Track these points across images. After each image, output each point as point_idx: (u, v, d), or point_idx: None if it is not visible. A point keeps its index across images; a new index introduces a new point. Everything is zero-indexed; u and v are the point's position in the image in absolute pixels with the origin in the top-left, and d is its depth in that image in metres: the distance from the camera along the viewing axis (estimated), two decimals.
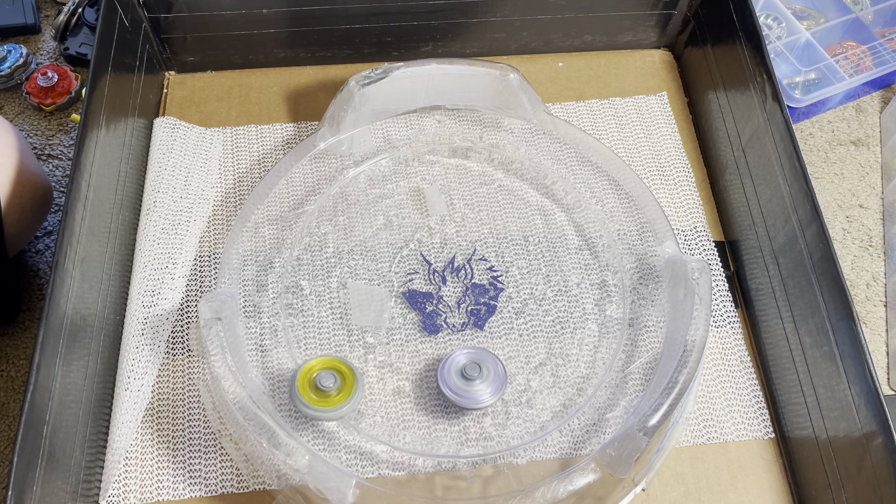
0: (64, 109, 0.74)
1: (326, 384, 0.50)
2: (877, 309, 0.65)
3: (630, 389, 0.56)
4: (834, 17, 0.79)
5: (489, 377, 0.53)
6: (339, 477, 0.46)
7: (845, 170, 0.73)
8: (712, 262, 0.62)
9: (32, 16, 0.78)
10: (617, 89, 0.71)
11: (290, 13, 0.66)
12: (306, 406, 0.49)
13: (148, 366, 0.55)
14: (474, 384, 0.53)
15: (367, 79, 0.61)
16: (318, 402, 0.50)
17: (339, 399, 0.50)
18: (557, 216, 0.63)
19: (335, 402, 0.50)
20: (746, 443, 0.55)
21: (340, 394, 0.50)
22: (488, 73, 0.63)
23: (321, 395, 0.50)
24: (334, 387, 0.50)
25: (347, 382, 0.51)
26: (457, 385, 0.53)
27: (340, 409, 0.50)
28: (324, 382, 0.50)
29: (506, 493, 0.48)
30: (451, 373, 0.53)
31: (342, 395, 0.50)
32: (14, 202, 0.57)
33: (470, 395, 0.52)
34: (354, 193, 0.64)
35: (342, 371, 0.51)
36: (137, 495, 0.51)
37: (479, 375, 0.53)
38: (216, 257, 0.61)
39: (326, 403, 0.50)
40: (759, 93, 0.59)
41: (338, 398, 0.50)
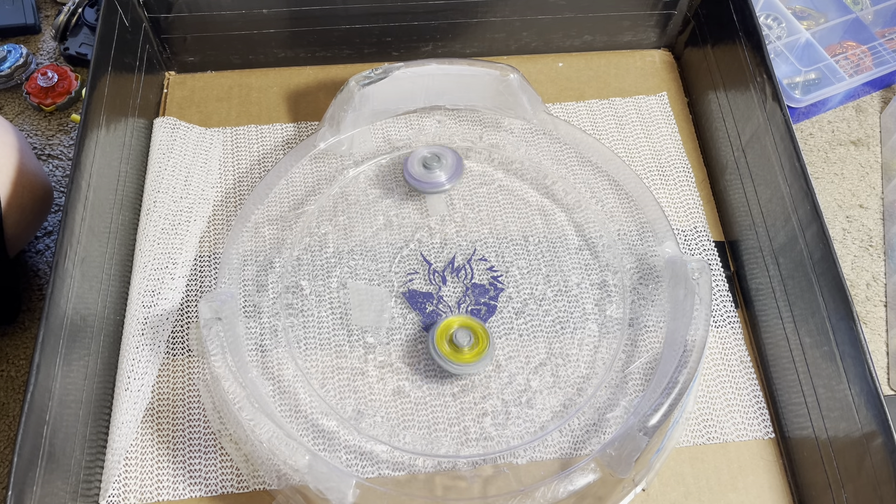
0: (64, 109, 0.74)
1: (461, 341, 0.55)
2: (877, 309, 0.65)
3: (630, 389, 0.56)
4: (834, 17, 0.79)
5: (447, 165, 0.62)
6: (339, 477, 0.46)
7: (845, 170, 0.73)
8: (712, 262, 0.62)
9: (32, 16, 0.78)
10: (617, 89, 0.71)
11: (290, 13, 0.66)
12: (440, 357, 0.55)
13: (148, 366, 0.55)
14: (434, 172, 0.61)
15: (367, 79, 0.61)
16: (451, 354, 0.55)
17: (471, 356, 0.55)
18: (557, 216, 0.63)
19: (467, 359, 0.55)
20: (746, 443, 0.55)
21: (473, 352, 0.55)
22: (488, 73, 0.63)
23: (455, 350, 0.55)
24: (468, 344, 0.55)
25: (481, 343, 0.55)
26: (420, 173, 0.61)
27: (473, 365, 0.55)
28: (459, 339, 0.55)
29: (506, 493, 0.48)
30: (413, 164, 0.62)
31: (475, 353, 0.55)
32: (14, 202, 0.57)
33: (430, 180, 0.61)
34: (354, 193, 0.64)
35: (477, 331, 0.56)
36: (137, 495, 0.51)
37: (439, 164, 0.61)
38: (216, 257, 0.61)
39: (459, 358, 0.55)
40: (759, 93, 0.59)
41: (470, 355, 0.55)
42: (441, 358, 0.55)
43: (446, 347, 0.55)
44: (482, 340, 0.55)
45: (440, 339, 0.55)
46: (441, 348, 0.55)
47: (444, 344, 0.55)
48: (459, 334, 0.55)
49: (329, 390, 0.55)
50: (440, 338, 0.55)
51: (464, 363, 0.54)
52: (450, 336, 0.55)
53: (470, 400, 0.55)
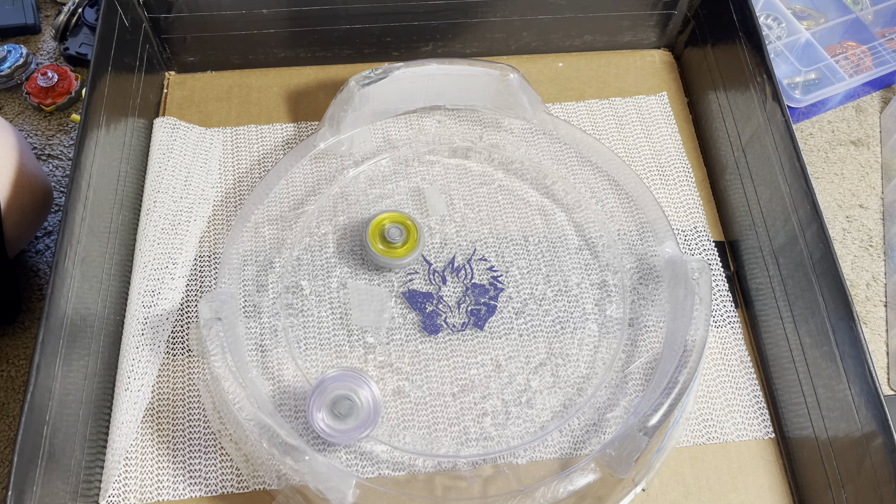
0: (64, 109, 0.74)
1: (393, 236, 0.58)
2: (877, 309, 0.65)
3: (630, 389, 0.56)
4: (834, 17, 0.79)
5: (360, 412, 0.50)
6: (339, 477, 0.46)
7: (845, 170, 0.73)
8: (712, 262, 0.62)
9: (32, 16, 0.78)
10: (617, 89, 0.71)
11: (290, 13, 0.66)
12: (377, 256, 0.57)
13: (148, 366, 0.55)
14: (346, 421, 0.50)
15: (367, 79, 0.61)
16: (386, 252, 0.58)
17: (404, 250, 0.58)
18: (557, 216, 0.63)
19: (400, 253, 0.58)
20: (746, 443, 0.55)
21: (405, 245, 0.58)
22: (488, 73, 0.63)
23: (388, 246, 0.58)
24: (400, 238, 0.58)
25: (412, 235, 0.58)
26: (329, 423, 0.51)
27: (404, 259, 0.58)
28: (391, 234, 0.58)
29: (506, 493, 0.48)
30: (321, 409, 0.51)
31: (407, 247, 0.58)
32: (14, 203, 0.57)
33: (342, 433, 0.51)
34: (354, 193, 0.64)
35: (407, 225, 0.59)
36: (137, 495, 0.51)
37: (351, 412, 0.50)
38: (216, 257, 0.61)
39: (393, 254, 0.58)
40: (759, 93, 0.59)
41: (402, 249, 0.58)
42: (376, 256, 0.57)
43: (380, 246, 0.58)
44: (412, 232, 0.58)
45: (373, 237, 0.58)
46: (374, 246, 0.58)
47: (376, 241, 0.58)
48: (392, 230, 0.58)
49: None
50: (373, 236, 0.58)
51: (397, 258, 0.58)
52: (381, 232, 0.58)
53: (470, 400, 0.55)
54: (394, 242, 0.58)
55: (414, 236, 0.58)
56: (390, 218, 0.59)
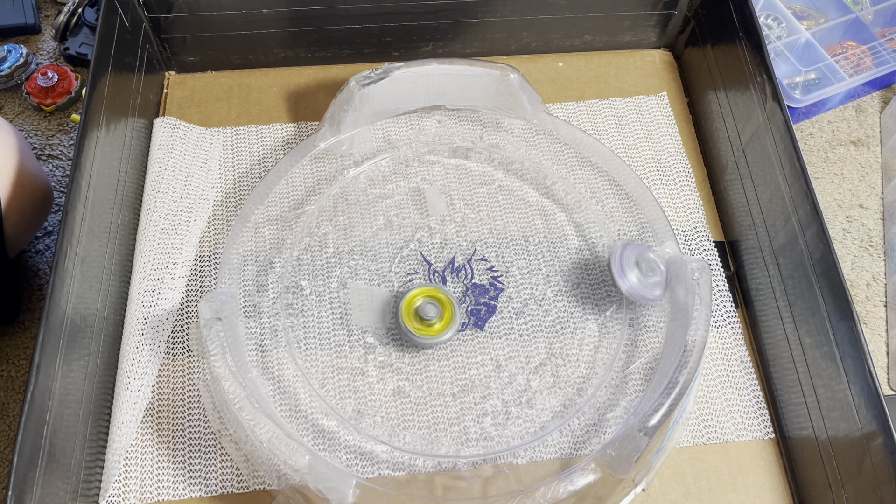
0: (64, 109, 0.74)
1: (429, 315, 0.56)
2: (877, 309, 0.65)
3: (630, 389, 0.56)
4: (834, 17, 0.79)
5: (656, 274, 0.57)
6: (339, 477, 0.46)
7: (845, 170, 0.73)
8: (712, 262, 0.62)
9: (32, 16, 0.78)
10: (617, 89, 0.71)
11: (290, 13, 0.66)
12: (413, 335, 0.56)
13: (148, 366, 0.55)
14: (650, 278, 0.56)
15: (368, 79, 0.61)
16: (421, 329, 0.56)
17: (441, 327, 0.57)
18: (557, 216, 0.63)
19: (437, 331, 0.56)
20: (746, 443, 0.55)
21: (441, 322, 0.57)
22: (488, 73, 0.63)
23: (423, 324, 0.56)
24: (436, 315, 0.56)
25: (447, 311, 0.57)
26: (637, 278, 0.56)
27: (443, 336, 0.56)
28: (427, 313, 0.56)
29: (506, 493, 0.48)
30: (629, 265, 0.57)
31: (443, 324, 0.57)
32: (14, 203, 0.57)
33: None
34: (354, 193, 0.64)
35: (441, 300, 0.57)
36: (137, 495, 0.51)
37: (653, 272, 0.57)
38: (216, 257, 0.61)
39: (429, 332, 0.56)
40: (759, 93, 0.59)
41: (439, 327, 0.57)
42: (412, 334, 0.55)
43: (414, 323, 0.56)
44: (447, 308, 0.57)
45: (406, 314, 0.56)
46: (409, 324, 0.56)
47: (411, 320, 0.56)
48: (426, 307, 0.56)
49: (329, 390, 0.55)
50: (406, 313, 0.56)
51: (433, 336, 0.56)
52: (415, 310, 0.56)
53: (470, 400, 0.55)
54: (429, 320, 0.56)
55: (450, 311, 0.57)
56: (423, 293, 0.57)
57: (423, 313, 0.56)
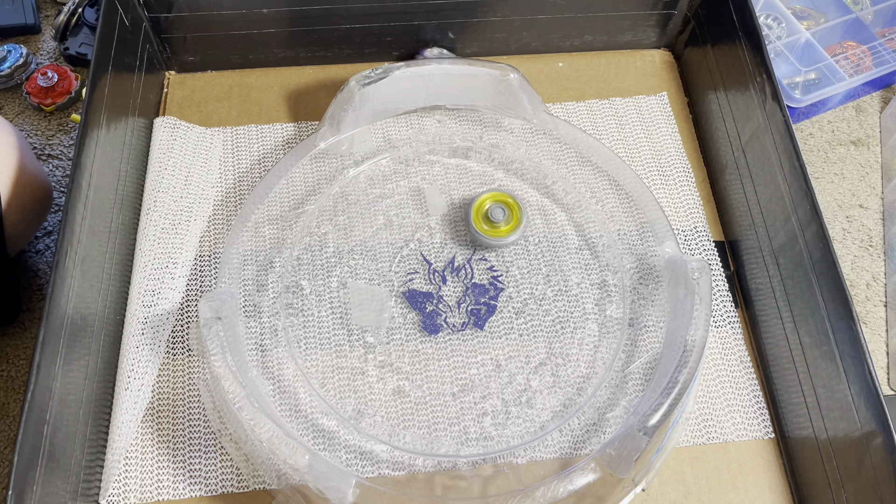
0: (64, 109, 0.74)
1: (496, 216, 0.59)
2: (877, 309, 0.65)
3: (630, 389, 0.56)
4: (834, 17, 0.79)
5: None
6: (339, 476, 0.46)
7: (845, 170, 0.73)
8: (712, 262, 0.62)
9: (32, 16, 0.78)
10: (617, 89, 0.71)
11: (290, 13, 0.66)
12: (481, 236, 0.59)
13: (148, 366, 0.55)
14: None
15: (368, 79, 0.61)
16: (490, 231, 0.59)
17: (508, 229, 0.60)
18: (557, 216, 0.63)
19: (504, 232, 0.60)
20: (746, 443, 0.55)
21: (509, 224, 0.60)
22: (488, 73, 0.63)
23: (492, 225, 0.59)
24: (503, 218, 0.59)
25: (515, 214, 0.60)
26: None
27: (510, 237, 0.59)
28: (494, 215, 0.59)
29: (506, 493, 0.48)
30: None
31: (511, 226, 0.60)
32: (14, 202, 0.57)
33: None
34: (354, 193, 0.64)
35: (509, 204, 0.60)
36: (137, 495, 0.51)
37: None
38: (216, 257, 0.61)
39: (497, 233, 0.59)
40: (759, 93, 0.59)
41: (507, 228, 0.60)
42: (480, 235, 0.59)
43: (484, 226, 0.59)
44: (515, 212, 0.59)
45: (476, 217, 0.59)
46: (479, 226, 0.59)
47: (480, 221, 0.59)
48: (494, 210, 0.59)
49: (329, 390, 0.55)
50: (476, 216, 0.59)
51: (500, 237, 0.59)
52: (485, 212, 0.59)
53: (470, 400, 0.55)
54: (497, 222, 0.59)
55: (517, 214, 0.59)
56: (492, 198, 0.60)
57: (492, 216, 0.59)
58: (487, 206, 0.60)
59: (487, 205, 0.60)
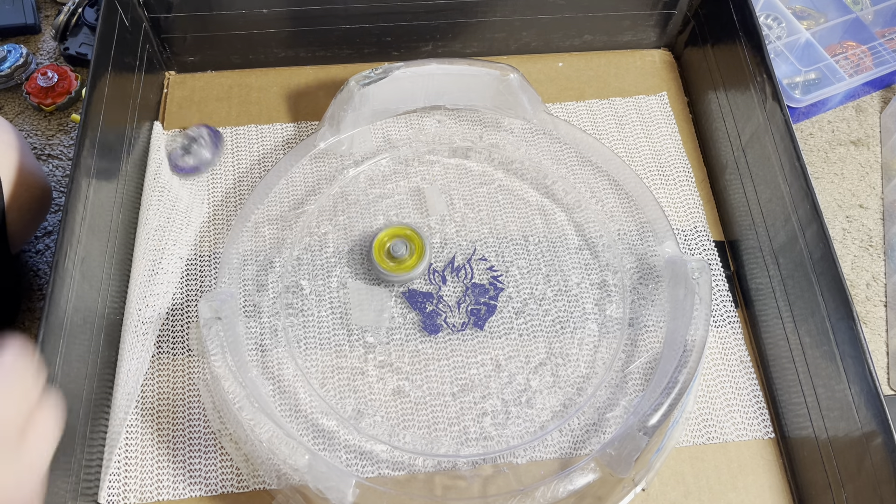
0: (64, 109, 0.74)
1: (399, 252, 0.58)
2: (877, 309, 0.65)
3: (630, 389, 0.56)
4: (834, 17, 0.79)
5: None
6: (339, 476, 0.46)
7: (845, 170, 0.73)
8: (712, 262, 0.62)
9: (32, 16, 0.78)
10: (617, 89, 0.71)
11: (290, 13, 0.66)
12: (385, 273, 0.58)
13: (148, 365, 0.55)
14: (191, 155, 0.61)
15: (367, 79, 0.61)
16: (395, 268, 0.58)
17: (412, 263, 0.58)
18: (557, 216, 0.63)
19: (409, 267, 0.58)
20: (746, 443, 0.55)
21: (413, 257, 0.58)
22: (488, 73, 0.63)
23: (396, 262, 0.58)
24: (406, 252, 0.58)
25: (417, 246, 0.58)
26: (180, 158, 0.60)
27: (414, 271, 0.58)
28: (397, 250, 0.58)
29: (506, 493, 0.48)
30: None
31: (414, 259, 0.58)
32: (13, 202, 0.57)
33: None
34: (354, 193, 0.64)
35: (410, 237, 0.59)
36: (137, 494, 0.51)
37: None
38: (216, 257, 0.61)
39: (401, 268, 0.58)
40: (759, 93, 0.59)
41: (411, 261, 0.58)
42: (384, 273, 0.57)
43: (388, 263, 0.58)
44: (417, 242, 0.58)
45: (379, 256, 0.58)
46: (384, 265, 0.58)
47: (384, 260, 0.58)
48: (396, 245, 0.58)
49: (329, 390, 0.55)
50: (379, 255, 0.58)
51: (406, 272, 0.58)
52: (387, 249, 0.58)
53: (470, 400, 0.55)
54: (399, 257, 0.58)
55: (419, 246, 0.58)
56: (390, 233, 0.59)
57: (394, 251, 0.58)
58: (388, 243, 0.59)
59: (388, 241, 0.59)
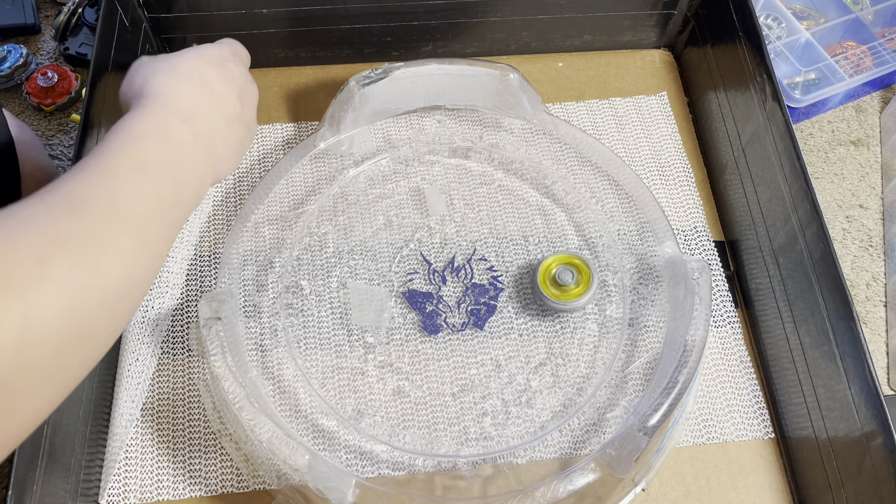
0: (64, 109, 0.74)
1: (565, 279, 0.57)
2: (877, 309, 0.65)
3: (630, 389, 0.56)
4: (834, 17, 0.79)
5: None
6: (339, 476, 0.46)
7: (845, 170, 0.73)
8: (712, 262, 0.62)
9: (32, 16, 0.78)
10: (617, 89, 0.71)
11: (290, 13, 0.66)
12: (550, 300, 0.57)
13: (147, 365, 0.55)
14: None
15: (367, 79, 0.61)
16: (560, 295, 0.57)
17: (578, 292, 0.57)
18: (557, 216, 0.63)
19: (574, 295, 0.57)
20: (746, 443, 0.55)
21: (579, 286, 0.57)
22: (488, 73, 0.63)
23: (561, 290, 0.57)
24: (573, 281, 0.57)
25: (584, 276, 0.57)
26: None
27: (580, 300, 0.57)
28: (563, 278, 0.57)
29: (506, 493, 0.48)
30: None
31: (581, 288, 0.57)
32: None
33: None
34: (354, 193, 0.64)
35: (577, 265, 0.58)
36: (137, 495, 0.51)
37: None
38: (216, 257, 0.61)
39: (567, 296, 0.57)
40: (759, 93, 0.59)
41: (576, 291, 0.57)
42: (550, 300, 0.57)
43: (553, 290, 0.57)
44: (584, 271, 0.57)
45: (544, 283, 0.57)
46: (547, 291, 0.57)
47: (549, 287, 0.57)
48: (562, 273, 0.57)
49: (329, 390, 0.55)
50: (544, 282, 0.57)
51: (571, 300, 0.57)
52: (552, 277, 0.57)
53: (470, 400, 0.55)
54: (566, 285, 0.57)
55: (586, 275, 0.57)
56: (559, 260, 0.58)
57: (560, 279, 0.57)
58: (555, 270, 0.58)
59: (555, 268, 0.58)
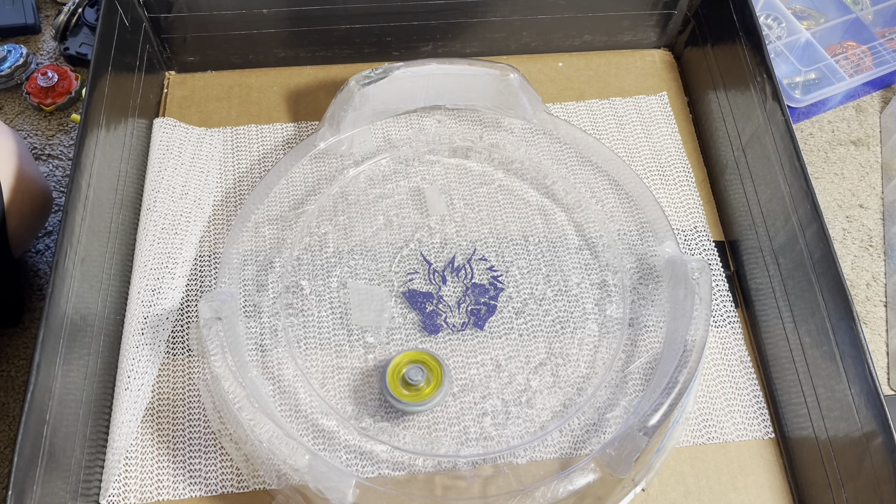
0: (64, 109, 0.74)
1: (416, 378, 0.53)
2: (877, 309, 0.65)
3: (630, 389, 0.56)
4: (834, 17, 0.79)
5: None
6: (339, 477, 0.46)
7: (845, 170, 0.73)
8: (712, 262, 0.62)
9: (32, 16, 0.78)
10: (617, 89, 0.71)
11: (290, 13, 0.66)
12: (399, 402, 0.52)
13: (148, 365, 0.55)
14: None
15: (367, 79, 0.61)
16: (410, 396, 0.53)
17: (429, 391, 0.53)
18: (557, 216, 0.63)
19: (425, 395, 0.53)
20: (746, 443, 0.55)
21: (430, 385, 0.53)
22: (488, 73, 0.63)
23: (412, 390, 0.53)
24: (423, 379, 0.53)
25: (435, 374, 0.53)
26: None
27: (431, 401, 0.53)
28: (413, 377, 0.53)
29: (506, 493, 0.48)
30: None
31: (431, 387, 0.53)
32: (14, 207, 0.56)
33: None
34: (354, 193, 0.64)
35: (428, 363, 0.54)
36: (137, 495, 0.51)
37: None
38: (216, 257, 0.61)
39: (418, 397, 0.53)
40: (759, 93, 0.59)
41: (427, 390, 0.53)
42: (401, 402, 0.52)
43: (403, 391, 0.53)
44: (435, 369, 0.53)
45: (393, 383, 0.53)
46: (398, 393, 0.53)
47: (398, 388, 0.53)
48: (412, 372, 0.53)
49: (329, 390, 0.55)
50: (393, 382, 0.53)
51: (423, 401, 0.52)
52: (402, 377, 0.53)
53: (470, 400, 0.55)
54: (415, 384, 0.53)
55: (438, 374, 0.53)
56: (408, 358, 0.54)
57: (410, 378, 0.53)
58: (405, 369, 0.53)
59: (405, 367, 0.54)
